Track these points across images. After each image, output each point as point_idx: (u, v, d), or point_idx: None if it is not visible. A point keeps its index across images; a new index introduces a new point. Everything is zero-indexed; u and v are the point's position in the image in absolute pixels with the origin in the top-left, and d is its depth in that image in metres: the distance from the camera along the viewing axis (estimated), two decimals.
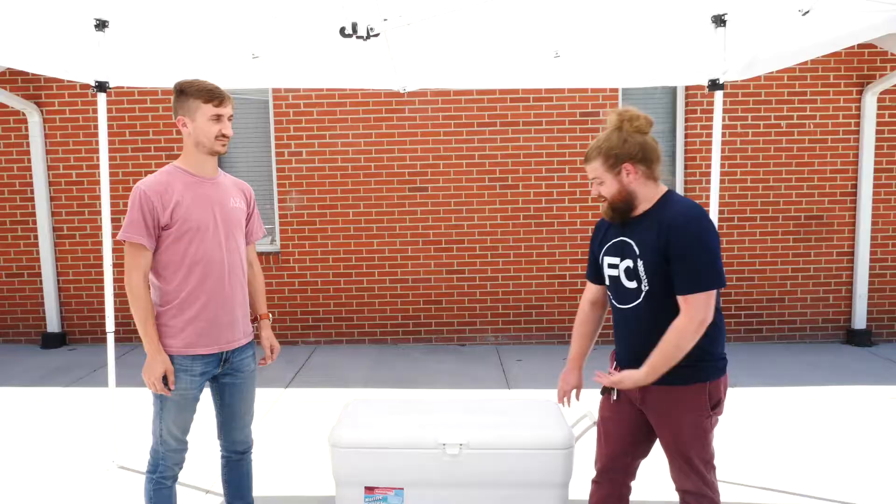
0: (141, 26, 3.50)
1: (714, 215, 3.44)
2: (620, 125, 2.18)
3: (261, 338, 2.80)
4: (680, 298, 2.10)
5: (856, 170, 6.42)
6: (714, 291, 2.07)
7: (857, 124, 6.38)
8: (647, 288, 2.17)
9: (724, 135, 6.40)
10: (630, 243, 2.21)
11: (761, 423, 4.39)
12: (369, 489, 2.71)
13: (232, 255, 2.51)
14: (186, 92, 2.38)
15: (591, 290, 2.52)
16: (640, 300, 2.20)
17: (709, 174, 6.45)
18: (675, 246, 2.07)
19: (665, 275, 2.12)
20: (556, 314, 6.59)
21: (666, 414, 2.23)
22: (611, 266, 2.30)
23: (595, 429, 2.57)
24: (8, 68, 6.31)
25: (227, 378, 2.59)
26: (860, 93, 6.34)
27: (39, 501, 3.37)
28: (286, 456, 3.93)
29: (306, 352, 6.43)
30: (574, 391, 2.56)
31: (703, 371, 2.16)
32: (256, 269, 2.75)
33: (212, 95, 2.37)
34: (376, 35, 2.35)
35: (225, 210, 2.49)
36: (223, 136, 2.42)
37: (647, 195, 2.19)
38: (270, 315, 2.91)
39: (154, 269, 2.42)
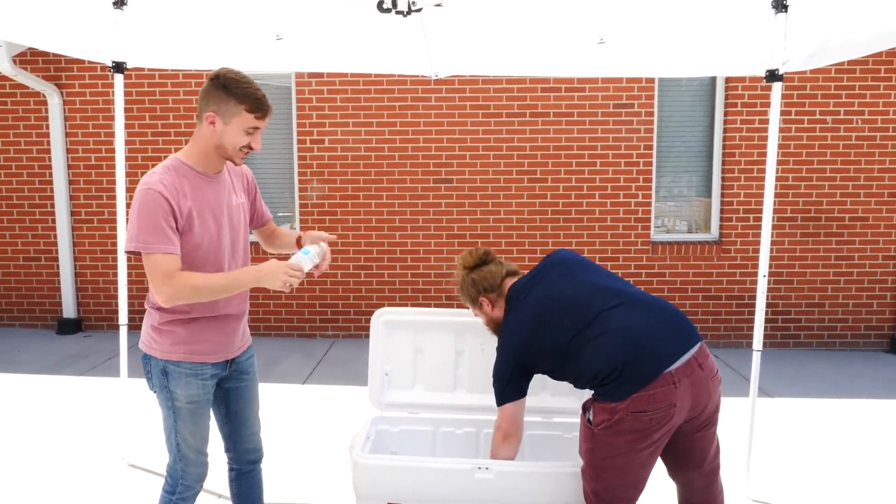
0: (160, 4, 3.31)
1: (768, 215, 3.19)
2: (460, 274, 2.57)
3: (306, 241, 2.36)
4: None
5: None
6: (507, 410, 2.40)
7: None
8: None
9: (765, 129, 6.10)
10: None
11: (796, 437, 4.14)
12: None
13: (237, 262, 2.28)
14: (230, 90, 2.03)
15: None
16: None
17: (749, 171, 6.16)
18: None
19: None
20: None
21: None
22: None
23: None
24: (29, 48, 6.18)
25: (233, 382, 2.39)
26: None
27: (45, 501, 3.23)
28: (303, 460, 3.76)
29: (324, 345, 6.26)
30: None
31: (594, 392, 2.25)
32: (281, 229, 2.58)
33: (257, 106, 2.05)
34: (418, 10, 2.13)
35: (231, 212, 2.24)
36: (250, 148, 2.12)
37: (502, 315, 2.50)
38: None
39: None
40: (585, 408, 2.25)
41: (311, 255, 2.05)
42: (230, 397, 2.41)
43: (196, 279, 2.04)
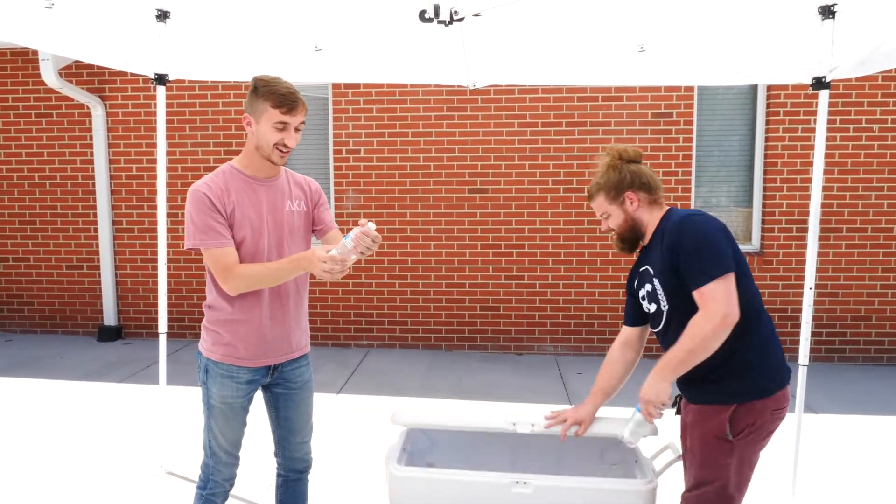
0: (202, 17, 3.37)
1: (814, 226, 3.09)
2: (614, 161, 2.30)
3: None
4: (696, 297, 2.03)
5: None
6: (731, 282, 2.00)
7: None
8: (666, 307, 2.19)
9: (808, 138, 5.95)
10: (647, 268, 2.28)
11: (844, 456, 3.99)
12: None
13: None
14: (258, 90, 2.18)
15: (623, 332, 2.52)
16: (663, 321, 2.22)
17: (791, 180, 6.01)
18: (674, 248, 2.08)
19: (677, 288, 2.11)
20: (619, 325, 6.25)
21: (690, 430, 2.20)
22: (641, 297, 2.35)
23: (679, 462, 2.39)
24: (74, 61, 6.36)
25: (280, 388, 2.43)
26: None
27: None
28: (338, 471, 3.75)
29: (359, 355, 6.27)
30: (578, 425, 2.46)
31: (731, 392, 2.09)
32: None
33: (282, 101, 2.15)
34: (460, 19, 2.11)
35: (278, 215, 2.30)
36: (285, 146, 2.20)
37: (652, 220, 2.28)
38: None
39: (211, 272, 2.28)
40: (711, 428, 2.10)
41: (348, 239, 2.02)
42: (279, 403, 2.45)
43: (250, 269, 2.18)
